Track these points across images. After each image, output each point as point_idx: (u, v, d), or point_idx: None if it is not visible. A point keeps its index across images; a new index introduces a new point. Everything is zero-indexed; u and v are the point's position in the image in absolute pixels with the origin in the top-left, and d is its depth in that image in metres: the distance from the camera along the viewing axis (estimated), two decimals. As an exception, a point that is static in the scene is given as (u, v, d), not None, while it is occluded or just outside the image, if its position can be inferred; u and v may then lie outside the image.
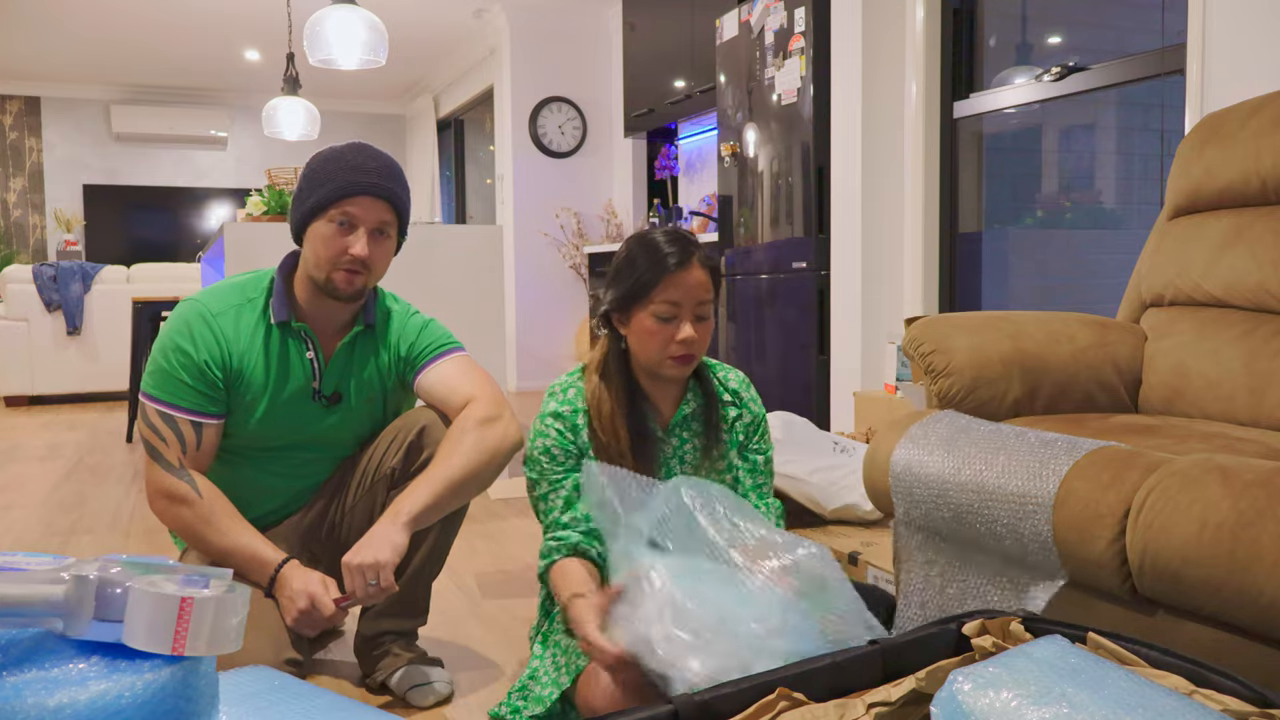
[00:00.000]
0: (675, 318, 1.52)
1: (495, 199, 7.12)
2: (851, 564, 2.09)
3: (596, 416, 1.58)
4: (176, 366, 1.63)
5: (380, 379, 1.78)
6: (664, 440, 1.62)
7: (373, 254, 1.66)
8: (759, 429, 1.69)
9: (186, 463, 1.63)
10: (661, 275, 1.51)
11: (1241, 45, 2.37)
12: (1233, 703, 0.91)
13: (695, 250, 1.54)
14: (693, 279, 1.52)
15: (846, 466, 2.39)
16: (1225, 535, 1.12)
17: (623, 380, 1.59)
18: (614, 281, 1.58)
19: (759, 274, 4.04)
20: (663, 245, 1.53)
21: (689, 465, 1.62)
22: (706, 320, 1.55)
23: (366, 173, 1.65)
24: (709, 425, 1.63)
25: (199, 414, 1.64)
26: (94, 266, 6.25)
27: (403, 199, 1.70)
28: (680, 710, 0.97)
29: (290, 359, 1.70)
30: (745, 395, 1.69)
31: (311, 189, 1.65)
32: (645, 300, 1.52)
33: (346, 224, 1.64)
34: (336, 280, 1.66)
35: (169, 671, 0.82)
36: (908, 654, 1.08)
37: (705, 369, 1.67)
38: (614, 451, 1.55)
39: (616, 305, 1.57)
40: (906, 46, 3.55)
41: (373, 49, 3.94)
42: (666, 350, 1.53)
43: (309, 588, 1.56)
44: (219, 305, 1.68)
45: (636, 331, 1.55)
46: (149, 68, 8.28)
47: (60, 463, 4.18)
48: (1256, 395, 1.68)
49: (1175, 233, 1.99)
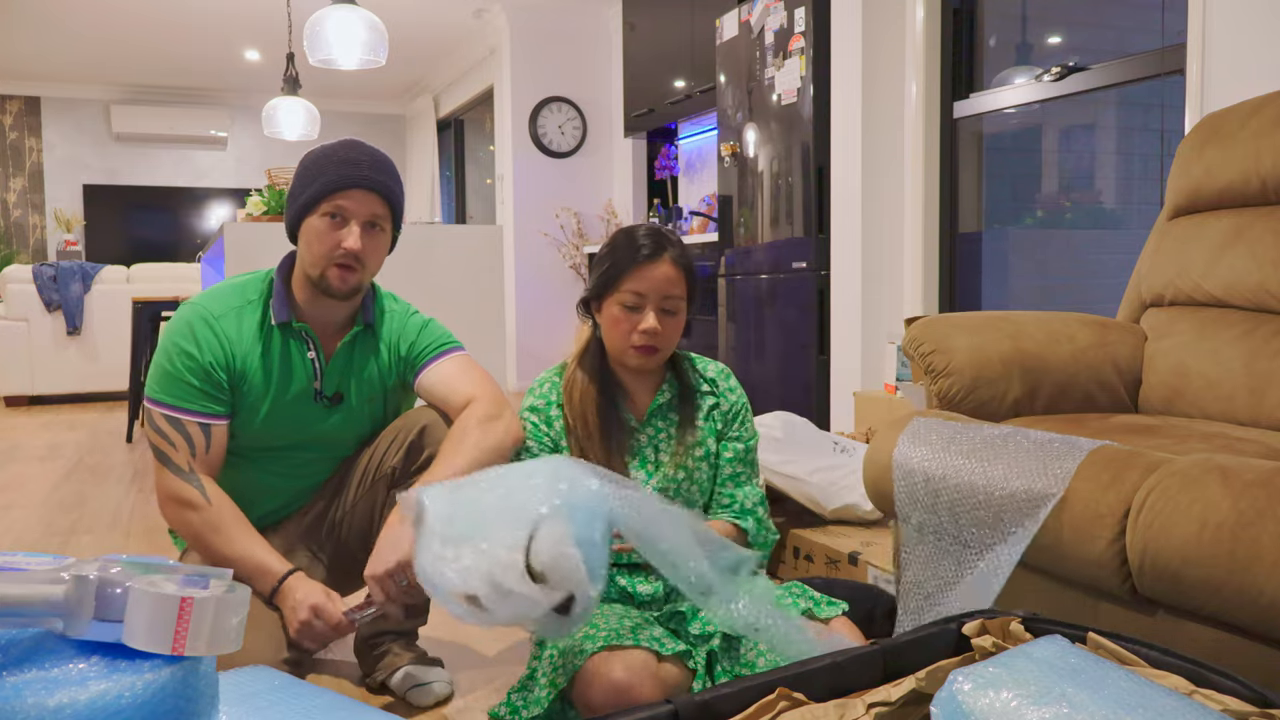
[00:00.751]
0: (640, 308, 1.58)
1: (495, 199, 7.12)
2: (851, 564, 2.09)
3: (568, 403, 1.63)
4: (182, 369, 1.62)
5: (381, 379, 1.78)
6: (638, 430, 1.65)
7: (365, 247, 1.66)
8: (738, 417, 1.71)
9: (196, 466, 1.63)
10: (631, 266, 1.57)
11: (1241, 45, 2.37)
12: (1233, 703, 0.91)
13: (669, 246, 1.59)
14: (660, 272, 1.57)
15: (846, 466, 2.39)
16: (1225, 535, 1.12)
17: (597, 369, 1.65)
18: (593, 270, 1.64)
19: (759, 274, 4.04)
20: (639, 238, 1.59)
21: (664, 454, 1.65)
22: (675, 315, 1.60)
23: (356, 165, 1.65)
24: (683, 414, 1.67)
25: (206, 416, 1.64)
26: (94, 266, 6.25)
27: (395, 191, 1.70)
28: (680, 710, 0.97)
29: (292, 360, 1.70)
30: (723, 384, 1.73)
31: (303, 186, 1.66)
32: (614, 289, 1.59)
33: (339, 218, 1.64)
34: (331, 277, 1.65)
35: (169, 671, 0.82)
36: (908, 654, 1.08)
37: (682, 360, 1.72)
38: (584, 438, 1.60)
39: (593, 293, 1.63)
40: (906, 46, 3.55)
41: (373, 49, 3.94)
42: (629, 339, 1.59)
43: (311, 599, 1.55)
44: (220, 308, 1.68)
45: (606, 320, 1.62)
46: (149, 68, 8.28)
47: (60, 463, 4.18)
48: (1256, 395, 1.68)
49: (1175, 233, 1.99)
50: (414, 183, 9.43)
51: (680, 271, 1.59)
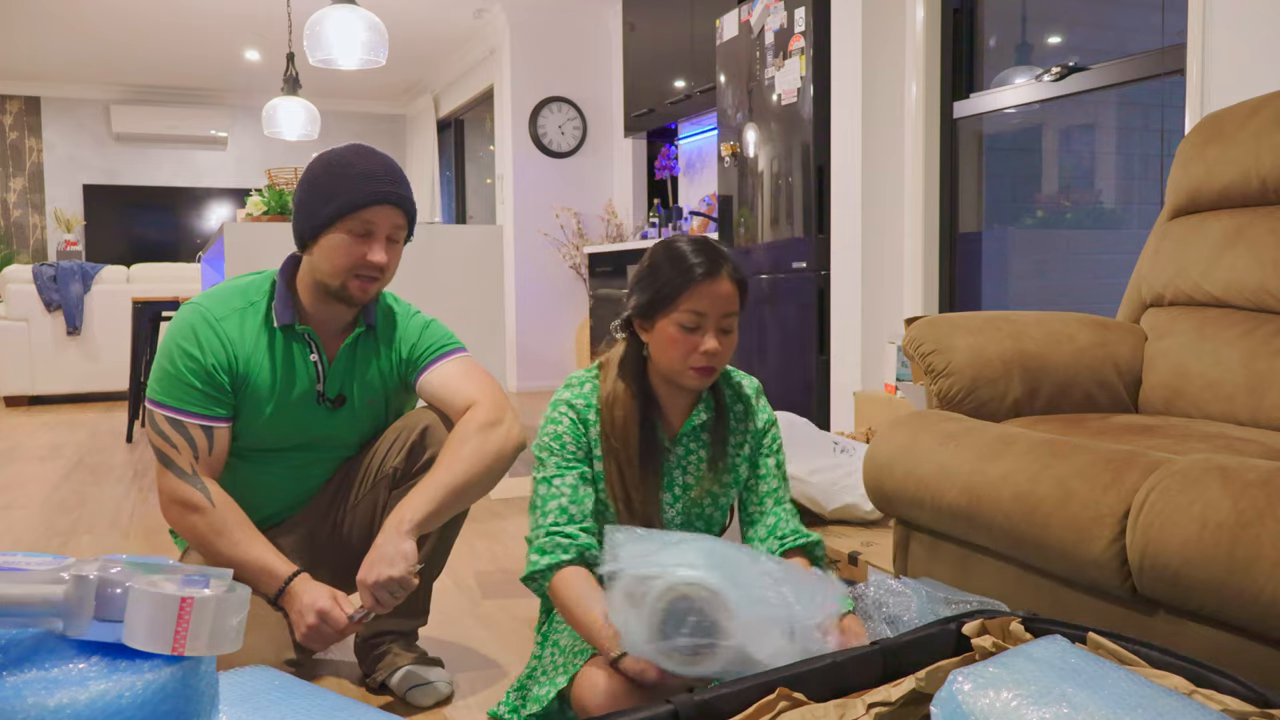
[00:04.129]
0: (699, 328, 1.50)
1: (495, 199, 7.12)
2: (851, 564, 2.09)
3: (609, 419, 1.56)
4: (184, 371, 1.62)
5: (382, 380, 1.78)
6: (669, 450, 1.60)
7: (389, 260, 1.67)
8: (769, 433, 1.67)
9: (199, 469, 1.62)
10: (689, 284, 1.49)
11: (1241, 45, 2.37)
12: (1233, 703, 0.91)
13: (725, 261, 1.52)
14: (720, 290, 1.50)
15: (846, 466, 2.39)
16: (1225, 535, 1.12)
17: (638, 386, 1.57)
18: (639, 287, 1.55)
19: (759, 274, 4.04)
20: (690, 254, 1.51)
21: (691, 476, 1.61)
22: (731, 333, 1.53)
23: (379, 180, 1.64)
24: (716, 438, 1.61)
25: (208, 418, 1.63)
26: (94, 266, 6.25)
27: (413, 203, 1.71)
28: (680, 710, 0.97)
29: (294, 362, 1.70)
30: (756, 405, 1.67)
31: (325, 199, 1.63)
32: (670, 308, 1.50)
33: (364, 233, 1.63)
34: (352, 289, 1.65)
35: (169, 671, 0.82)
36: (908, 654, 1.08)
37: (720, 378, 1.65)
38: (622, 457, 1.54)
39: (641, 311, 1.54)
40: (906, 46, 3.55)
41: (373, 49, 3.94)
42: (689, 360, 1.51)
43: (318, 603, 1.55)
44: (222, 310, 1.67)
45: (659, 339, 1.53)
46: (149, 68, 8.28)
47: (60, 463, 4.18)
48: (1256, 395, 1.68)
49: (1175, 233, 1.99)
50: (414, 183, 9.40)
51: (737, 287, 1.53)
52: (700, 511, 1.62)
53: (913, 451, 1.61)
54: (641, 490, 1.54)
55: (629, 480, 1.54)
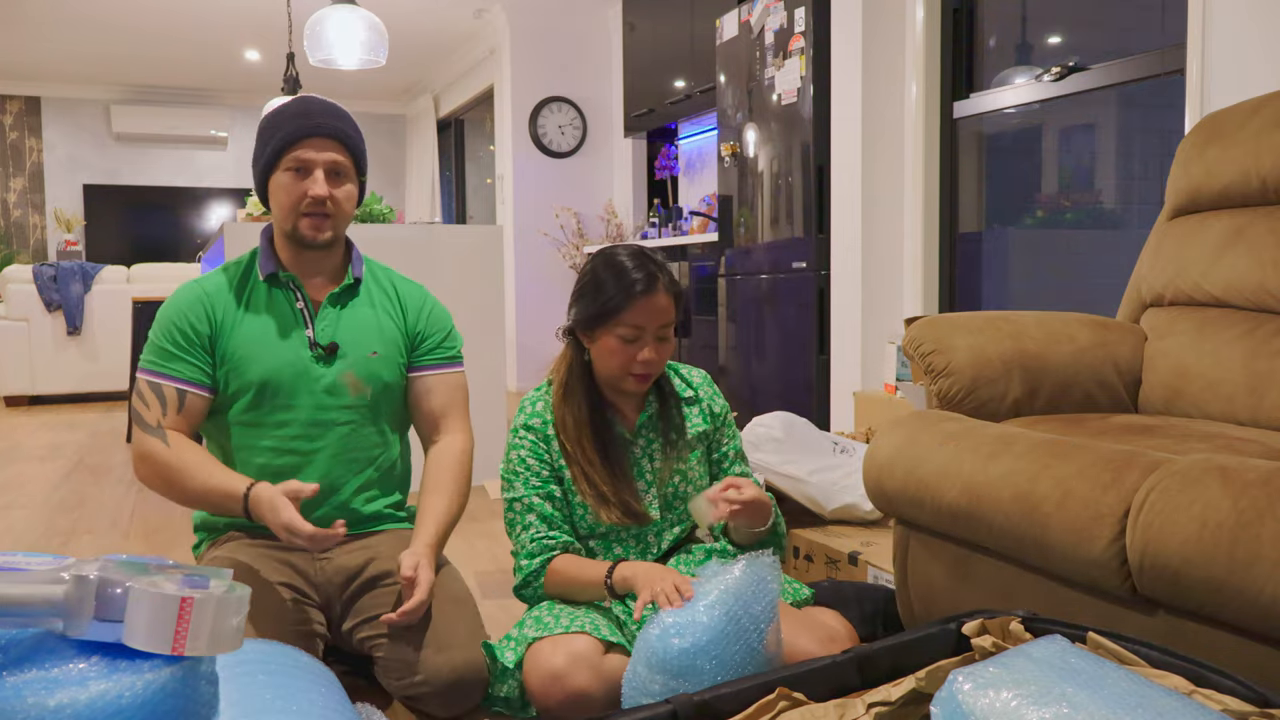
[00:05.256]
0: (638, 340, 1.61)
1: (495, 199, 7.12)
2: (851, 564, 2.09)
3: (563, 427, 1.66)
4: (162, 335, 1.69)
5: (380, 331, 1.79)
6: (632, 441, 1.71)
7: (333, 195, 1.70)
8: (724, 420, 1.79)
9: (165, 424, 1.66)
10: (629, 300, 1.59)
11: (1241, 45, 2.37)
12: (1233, 703, 0.91)
13: (660, 275, 1.62)
14: (657, 304, 1.60)
15: (846, 466, 2.39)
16: (1225, 535, 1.12)
17: (585, 392, 1.68)
18: (580, 300, 1.66)
19: (759, 274, 4.04)
20: (630, 270, 1.61)
21: (655, 463, 1.71)
22: (667, 340, 1.64)
23: (309, 115, 1.69)
24: (668, 425, 1.73)
25: (184, 381, 1.68)
26: (94, 266, 6.25)
27: (353, 137, 1.74)
28: (679, 710, 0.97)
29: (279, 306, 1.75)
30: (705, 393, 1.79)
31: (262, 145, 1.71)
32: (612, 323, 1.61)
33: (301, 170, 1.68)
34: (302, 228, 1.70)
35: (169, 671, 0.82)
36: (908, 654, 1.09)
37: (664, 373, 1.77)
38: (582, 459, 1.65)
39: (583, 324, 1.65)
40: (906, 46, 3.55)
41: (373, 49, 3.94)
42: (628, 368, 1.63)
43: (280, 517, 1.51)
44: (209, 277, 1.77)
45: (601, 350, 1.64)
46: (149, 68, 8.28)
47: (60, 463, 4.18)
48: (1256, 395, 1.68)
49: (1175, 233, 1.99)
50: (414, 182, 9.43)
51: (672, 298, 1.63)
52: (675, 491, 1.72)
53: (913, 451, 1.61)
54: (610, 483, 1.64)
55: (595, 477, 1.64)
